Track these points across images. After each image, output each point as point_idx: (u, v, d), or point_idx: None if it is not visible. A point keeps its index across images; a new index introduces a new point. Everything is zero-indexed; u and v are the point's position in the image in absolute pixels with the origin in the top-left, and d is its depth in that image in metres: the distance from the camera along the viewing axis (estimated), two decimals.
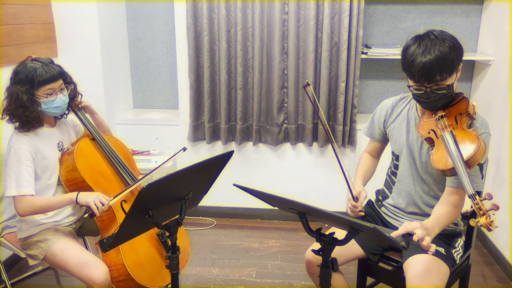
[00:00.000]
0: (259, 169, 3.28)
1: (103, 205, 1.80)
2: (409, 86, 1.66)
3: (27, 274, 2.58)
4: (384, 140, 1.95)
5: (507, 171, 2.67)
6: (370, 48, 3.00)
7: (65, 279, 2.57)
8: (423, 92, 1.61)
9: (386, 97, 1.94)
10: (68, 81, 1.93)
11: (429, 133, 1.64)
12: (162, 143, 3.27)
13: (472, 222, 1.38)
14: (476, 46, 3.15)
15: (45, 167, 1.91)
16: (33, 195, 1.82)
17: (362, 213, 1.79)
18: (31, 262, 1.95)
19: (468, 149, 1.51)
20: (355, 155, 3.16)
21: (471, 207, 1.39)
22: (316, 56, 2.97)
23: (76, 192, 1.84)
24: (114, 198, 1.85)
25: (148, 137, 3.27)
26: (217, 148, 3.27)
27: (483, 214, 1.34)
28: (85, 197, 1.82)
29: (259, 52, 2.97)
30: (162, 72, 3.44)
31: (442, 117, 1.63)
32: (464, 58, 1.66)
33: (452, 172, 1.52)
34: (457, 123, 1.60)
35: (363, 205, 2.04)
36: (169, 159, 1.99)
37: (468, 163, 1.49)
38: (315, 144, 3.18)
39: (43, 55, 1.95)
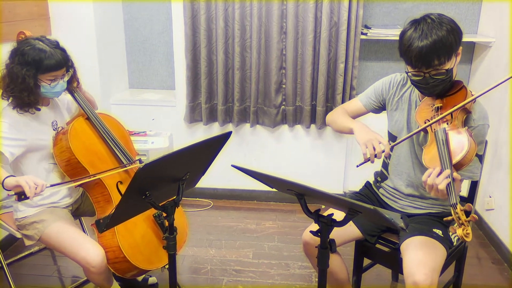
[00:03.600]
0: (256, 151, 3.27)
1: (36, 186, 1.62)
2: (407, 72, 1.63)
3: (23, 254, 2.58)
4: (368, 111, 1.92)
5: (505, 154, 2.67)
6: (369, 28, 2.96)
7: (61, 259, 2.58)
8: (421, 78, 1.58)
9: None
10: (69, 65, 1.89)
11: (425, 122, 1.63)
12: (159, 124, 3.24)
13: (451, 229, 1.42)
14: (477, 28, 3.11)
15: (38, 147, 1.88)
16: None
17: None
18: (27, 242, 1.94)
19: (457, 152, 1.50)
20: (353, 137, 3.14)
21: (451, 215, 1.42)
22: (315, 36, 2.92)
23: (7, 174, 1.66)
24: (54, 185, 1.74)
25: (144, 117, 3.24)
26: (214, 130, 3.25)
27: (462, 224, 1.38)
28: (15, 178, 1.64)
29: (257, 31, 2.92)
30: (158, 51, 3.39)
31: (438, 108, 1.62)
32: (464, 39, 1.63)
33: None
34: (452, 117, 1.58)
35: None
36: (120, 169, 1.95)
37: (456, 166, 1.50)
38: (313, 126, 3.16)
39: (36, 33, 1.90)
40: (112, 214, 1.49)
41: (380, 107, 1.90)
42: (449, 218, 1.43)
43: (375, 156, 1.62)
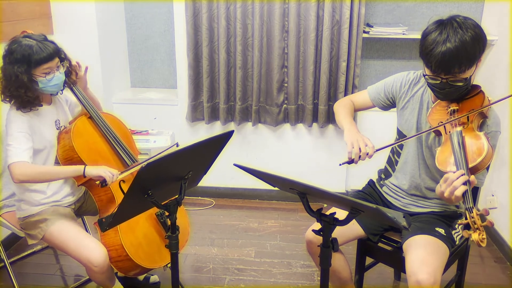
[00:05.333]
0: (258, 150, 3.27)
1: (113, 175, 1.81)
2: (424, 75, 1.60)
3: (26, 253, 2.59)
4: (375, 105, 1.90)
5: (507, 153, 2.66)
6: (372, 27, 2.95)
7: (64, 258, 2.58)
8: (438, 82, 1.55)
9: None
10: (62, 57, 1.89)
11: (438, 124, 1.59)
12: (161, 123, 3.24)
13: (465, 233, 1.39)
14: None
15: (42, 147, 1.88)
16: (27, 162, 1.77)
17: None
18: (30, 241, 1.95)
19: (474, 157, 1.47)
20: None
21: (466, 218, 1.38)
22: (317, 34, 2.92)
23: (84, 165, 1.82)
24: (122, 172, 1.86)
25: (146, 116, 3.24)
26: (216, 128, 3.25)
27: (477, 229, 1.35)
28: (95, 169, 1.82)
29: (259, 30, 2.92)
30: (160, 50, 3.39)
31: (454, 111, 1.59)
32: None
33: None
34: (468, 120, 1.55)
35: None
36: (161, 152, 1.95)
37: (472, 170, 1.47)
38: (315, 124, 3.16)
39: (39, 32, 1.89)
40: (114, 213, 1.50)
41: (388, 105, 1.88)
42: (464, 221, 1.39)
43: (359, 157, 1.62)
